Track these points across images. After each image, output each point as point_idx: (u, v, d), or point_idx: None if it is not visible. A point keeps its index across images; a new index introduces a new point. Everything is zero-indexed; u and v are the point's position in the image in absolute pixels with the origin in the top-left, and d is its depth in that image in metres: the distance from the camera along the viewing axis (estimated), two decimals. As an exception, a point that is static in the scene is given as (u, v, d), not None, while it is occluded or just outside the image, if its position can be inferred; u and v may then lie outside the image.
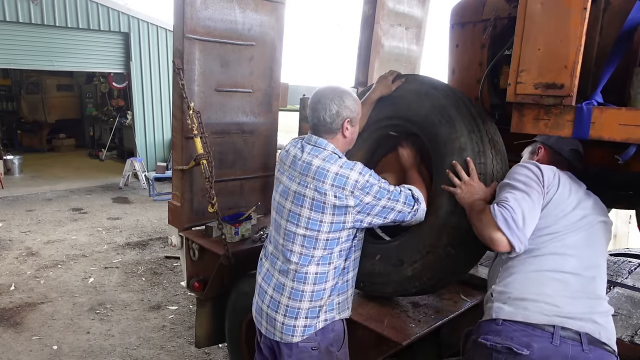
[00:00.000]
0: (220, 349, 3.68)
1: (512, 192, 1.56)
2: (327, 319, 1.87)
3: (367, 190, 1.76)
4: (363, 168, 1.81)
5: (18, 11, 8.20)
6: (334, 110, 1.81)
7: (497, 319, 1.54)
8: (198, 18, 2.89)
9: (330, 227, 1.79)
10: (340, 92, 1.85)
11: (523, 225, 1.50)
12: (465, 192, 1.76)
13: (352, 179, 1.75)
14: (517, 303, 1.53)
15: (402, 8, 3.79)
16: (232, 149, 3.27)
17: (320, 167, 1.78)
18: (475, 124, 1.87)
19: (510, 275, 1.59)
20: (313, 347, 1.85)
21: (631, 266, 2.79)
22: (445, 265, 1.91)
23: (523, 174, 1.61)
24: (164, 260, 5.65)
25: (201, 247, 2.96)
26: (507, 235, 1.49)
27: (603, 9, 1.75)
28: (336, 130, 1.85)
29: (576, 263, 1.55)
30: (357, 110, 1.88)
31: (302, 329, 1.84)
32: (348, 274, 1.92)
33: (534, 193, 1.55)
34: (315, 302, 1.84)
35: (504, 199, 1.55)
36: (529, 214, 1.52)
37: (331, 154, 1.83)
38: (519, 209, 1.51)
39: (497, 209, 1.52)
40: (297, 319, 1.84)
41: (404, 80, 2.14)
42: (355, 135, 1.95)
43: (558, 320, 1.46)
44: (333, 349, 1.88)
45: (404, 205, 1.82)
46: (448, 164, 1.86)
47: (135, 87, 9.99)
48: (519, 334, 1.47)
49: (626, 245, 5.44)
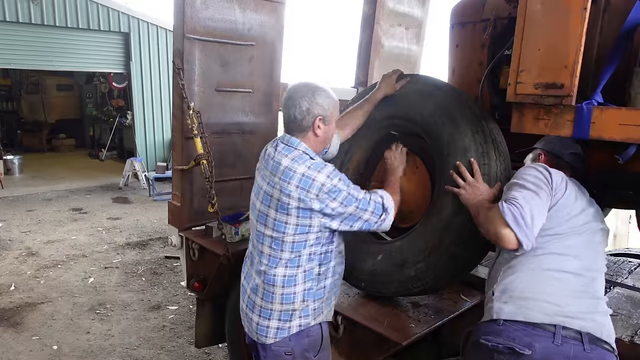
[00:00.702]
0: (220, 349, 3.68)
1: (520, 191, 1.56)
2: (302, 325, 1.82)
3: (333, 196, 1.69)
4: (332, 171, 1.73)
5: (18, 11, 8.20)
6: (304, 107, 1.75)
7: (498, 319, 1.53)
8: (198, 18, 2.89)
9: (295, 230, 1.74)
10: (312, 88, 1.77)
11: (531, 222, 1.50)
12: (469, 193, 1.76)
13: (318, 181, 1.68)
14: (519, 302, 1.52)
15: (402, 8, 3.79)
16: (232, 149, 3.27)
17: (287, 168, 1.72)
18: (479, 124, 1.87)
19: (512, 274, 1.58)
20: (287, 352, 1.82)
21: (631, 266, 2.79)
22: (449, 266, 1.91)
23: (532, 175, 1.60)
24: (164, 260, 5.64)
25: (201, 247, 2.96)
26: (516, 231, 1.49)
27: (603, 9, 1.75)
28: (307, 128, 1.78)
29: (577, 263, 1.55)
30: (331, 108, 1.80)
31: (275, 331, 1.81)
32: (325, 280, 1.86)
33: (542, 193, 1.55)
34: (287, 305, 1.80)
35: (512, 197, 1.54)
36: (537, 213, 1.52)
37: (302, 154, 1.75)
38: (528, 206, 1.50)
39: (506, 205, 1.51)
40: (270, 320, 1.82)
41: (408, 79, 2.13)
42: (330, 134, 1.86)
43: (559, 320, 1.46)
44: (309, 355, 1.84)
45: (371, 215, 1.76)
46: (451, 165, 1.86)
47: (135, 87, 9.99)
48: (521, 334, 1.46)
49: (626, 245, 5.44)
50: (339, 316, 2.11)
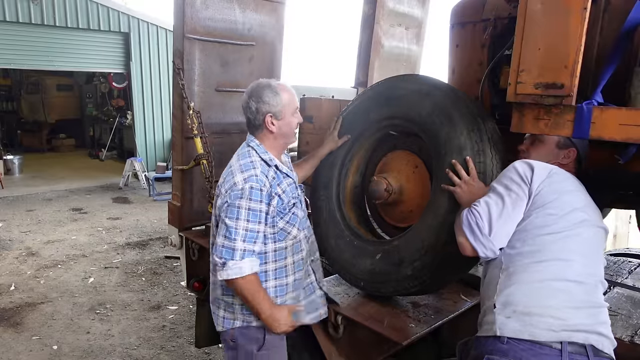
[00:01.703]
0: (220, 349, 3.68)
1: (488, 196, 1.56)
2: (245, 321, 1.88)
3: (232, 195, 1.73)
4: (253, 177, 1.75)
5: (18, 11, 8.20)
6: (253, 107, 1.84)
7: (502, 336, 1.46)
8: (198, 18, 2.89)
9: (216, 222, 1.84)
10: (260, 87, 1.85)
11: (489, 231, 1.49)
12: (465, 191, 1.75)
13: (234, 179, 1.76)
14: (523, 319, 1.46)
15: (402, 8, 3.78)
16: (232, 149, 3.22)
17: (230, 163, 1.86)
18: (475, 122, 1.87)
19: (514, 284, 1.51)
20: (232, 339, 1.90)
21: (631, 266, 2.79)
22: (445, 265, 1.91)
23: (508, 177, 1.57)
24: (164, 260, 5.65)
25: (201, 247, 2.96)
26: (470, 240, 1.51)
27: (603, 9, 1.75)
28: (259, 126, 1.86)
29: (580, 269, 1.50)
30: (281, 102, 1.84)
31: (222, 320, 1.92)
32: (267, 282, 1.86)
33: (510, 195, 1.52)
34: (227, 296, 1.88)
35: (475, 204, 1.55)
36: (498, 220, 1.50)
37: (248, 150, 1.86)
38: (486, 214, 1.50)
39: (465, 213, 1.53)
40: (219, 309, 1.93)
41: (340, 121, 2.31)
42: (288, 128, 1.91)
43: (565, 335, 1.41)
44: (252, 348, 1.88)
45: (221, 246, 1.72)
46: (448, 163, 1.86)
47: (135, 87, 9.99)
48: (527, 354, 1.41)
49: (626, 245, 5.44)
50: (339, 316, 2.11)
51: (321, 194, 2.39)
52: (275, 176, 1.86)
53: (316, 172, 2.40)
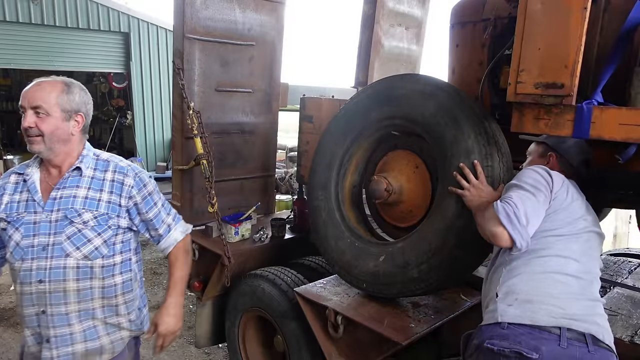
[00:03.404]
0: (220, 349, 3.68)
1: (517, 191, 1.57)
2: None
3: None
4: None
5: (18, 11, 8.21)
6: None
7: (502, 322, 1.51)
8: (198, 18, 2.89)
9: None
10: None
11: (526, 222, 1.51)
12: (473, 195, 1.76)
13: None
14: (524, 305, 1.51)
15: (402, 8, 3.78)
16: (232, 149, 3.27)
17: None
18: (482, 126, 1.86)
19: (516, 275, 1.58)
20: None
21: (631, 266, 2.79)
22: (452, 267, 1.91)
23: (532, 177, 1.61)
24: (164, 260, 5.64)
25: (201, 247, 2.96)
26: (509, 229, 1.50)
27: (603, 9, 1.75)
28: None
29: (578, 267, 1.55)
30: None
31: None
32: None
33: (540, 195, 1.56)
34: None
35: (508, 197, 1.56)
36: (533, 213, 1.52)
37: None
38: (522, 206, 1.51)
39: (500, 204, 1.53)
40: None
41: None
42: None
43: (565, 322, 1.45)
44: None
45: None
46: (454, 166, 1.85)
47: (135, 87, 10.00)
48: (527, 338, 1.45)
49: (626, 245, 5.44)
50: (339, 316, 2.11)
51: (319, 194, 2.38)
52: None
53: (313, 172, 2.39)
